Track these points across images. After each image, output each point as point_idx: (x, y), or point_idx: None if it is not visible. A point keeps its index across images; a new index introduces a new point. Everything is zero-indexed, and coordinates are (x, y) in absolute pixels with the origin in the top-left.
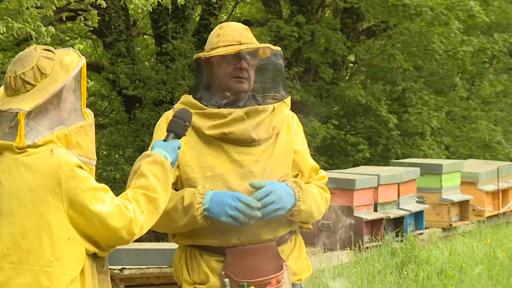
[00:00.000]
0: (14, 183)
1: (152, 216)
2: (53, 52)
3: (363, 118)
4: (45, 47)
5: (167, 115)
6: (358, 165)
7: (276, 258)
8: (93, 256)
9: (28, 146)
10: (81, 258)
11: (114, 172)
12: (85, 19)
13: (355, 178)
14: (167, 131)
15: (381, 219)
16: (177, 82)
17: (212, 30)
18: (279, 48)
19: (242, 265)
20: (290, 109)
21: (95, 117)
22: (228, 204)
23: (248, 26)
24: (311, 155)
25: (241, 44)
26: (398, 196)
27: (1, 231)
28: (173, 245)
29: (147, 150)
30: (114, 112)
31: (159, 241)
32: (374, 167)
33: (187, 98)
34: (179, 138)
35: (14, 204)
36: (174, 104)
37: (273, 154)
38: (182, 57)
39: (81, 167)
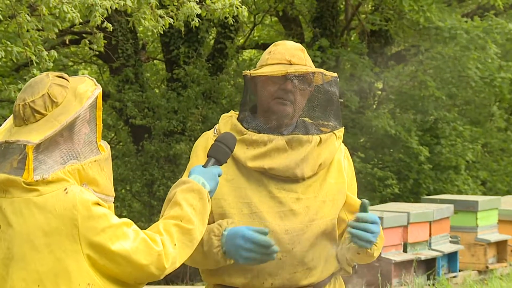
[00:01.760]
0: (26, 226)
1: (186, 248)
2: (66, 80)
3: (391, 150)
4: (59, 73)
5: (207, 136)
6: (386, 202)
7: None
8: None
9: (37, 182)
10: None
11: (120, 209)
12: (90, 43)
13: (382, 216)
14: (208, 156)
15: (411, 261)
16: (189, 111)
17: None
18: (335, 74)
19: None
20: None
21: None
22: (241, 246)
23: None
24: None
25: (291, 64)
26: (430, 235)
27: (13, 278)
28: None
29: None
30: (121, 144)
31: (168, 284)
32: (404, 204)
33: (231, 119)
34: (220, 165)
35: (26, 248)
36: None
37: (320, 195)
38: (195, 83)
39: (98, 204)
